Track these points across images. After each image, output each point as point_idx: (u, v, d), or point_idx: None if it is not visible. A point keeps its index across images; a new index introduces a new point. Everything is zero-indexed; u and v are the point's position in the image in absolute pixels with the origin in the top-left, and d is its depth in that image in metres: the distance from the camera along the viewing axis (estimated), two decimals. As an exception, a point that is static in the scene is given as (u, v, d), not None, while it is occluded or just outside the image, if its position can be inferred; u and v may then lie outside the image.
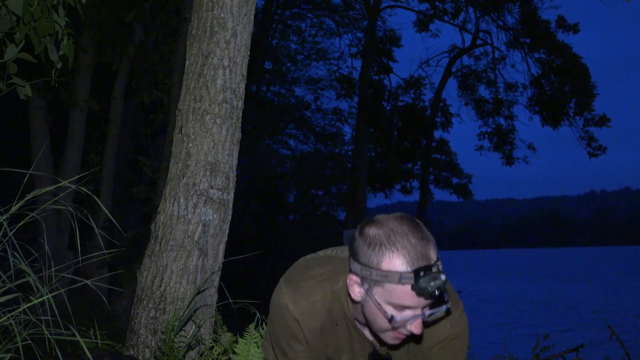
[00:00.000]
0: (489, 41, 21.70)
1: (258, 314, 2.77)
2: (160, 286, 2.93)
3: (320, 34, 22.85)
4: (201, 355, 2.81)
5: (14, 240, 2.07)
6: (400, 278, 1.55)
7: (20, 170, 2.29)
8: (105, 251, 2.45)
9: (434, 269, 1.56)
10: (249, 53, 3.13)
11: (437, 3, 20.98)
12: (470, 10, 21.32)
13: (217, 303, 3.02)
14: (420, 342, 1.81)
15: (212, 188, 2.98)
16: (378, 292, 1.61)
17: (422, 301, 1.59)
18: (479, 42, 21.84)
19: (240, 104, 3.10)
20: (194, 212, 2.96)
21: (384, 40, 21.98)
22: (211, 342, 2.83)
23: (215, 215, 2.99)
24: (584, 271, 47.18)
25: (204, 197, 2.97)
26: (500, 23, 21.23)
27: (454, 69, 21.96)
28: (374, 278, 1.60)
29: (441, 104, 21.78)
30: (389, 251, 1.57)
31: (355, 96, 21.68)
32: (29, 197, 2.15)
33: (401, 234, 1.58)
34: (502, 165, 21.46)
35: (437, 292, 1.55)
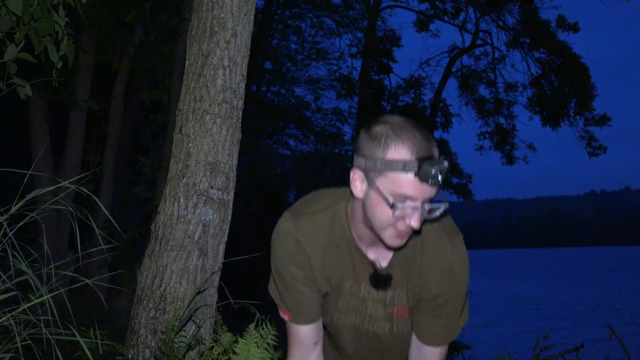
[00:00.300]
0: (489, 41, 21.69)
1: (258, 314, 2.77)
2: (160, 286, 2.93)
3: (320, 34, 22.85)
4: (201, 355, 2.81)
5: (14, 241, 2.07)
6: (404, 166, 1.63)
7: (20, 171, 2.29)
8: (104, 249, 2.45)
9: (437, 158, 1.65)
10: (249, 53, 3.13)
11: (437, 3, 20.95)
12: (470, 10, 21.30)
13: (217, 303, 3.03)
14: (421, 266, 1.83)
15: (212, 188, 2.98)
16: (381, 183, 1.67)
17: (423, 192, 1.65)
18: (479, 42, 21.82)
19: (240, 104, 3.10)
20: (194, 212, 2.96)
21: (384, 40, 21.95)
22: (211, 342, 2.83)
23: (215, 215, 2.99)
24: (584, 271, 47.16)
25: (204, 197, 2.97)
26: (500, 23, 21.22)
27: (454, 69, 21.94)
28: (378, 168, 1.66)
29: (441, 104, 21.75)
30: (394, 142, 1.66)
31: (355, 96, 21.67)
32: (29, 197, 2.15)
33: (407, 129, 1.68)
34: (502, 165, 21.43)
35: (440, 177, 1.62)
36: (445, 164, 1.64)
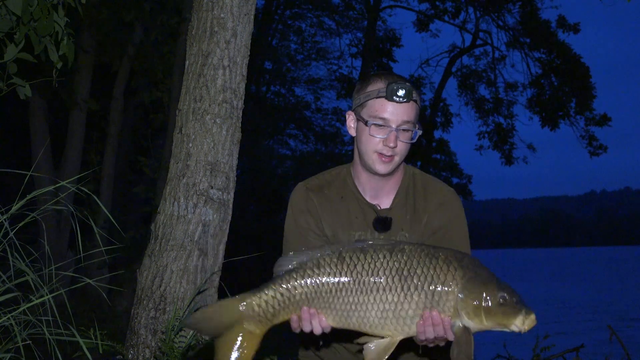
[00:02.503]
0: (489, 41, 21.66)
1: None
2: (160, 286, 2.93)
3: (320, 34, 22.82)
4: (201, 356, 2.81)
5: (15, 241, 2.07)
6: (378, 92, 1.98)
7: (20, 171, 2.29)
8: (104, 250, 2.45)
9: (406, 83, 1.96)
10: (249, 53, 3.13)
11: (437, 3, 20.93)
12: (470, 10, 21.28)
13: (217, 303, 3.02)
14: (420, 205, 2.11)
15: (212, 188, 2.98)
16: (364, 112, 2.02)
17: (395, 114, 1.96)
18: (479, 42, 21.79)
19: (240, 104, 3.10)
20: (194, 212, 2.96)
21: (384, 40, 21.92)
22: (211, 342, 2.83)
23: (215, 215, 2.99)
24: (584, 271, 47.13)
25: (204, 197, 2.97)
26: (500, 23, 21.20)
27: (454, 69, 21.91)
28: (361, 101, 2.04)
29: (441, 104, 21.72)
30: (374, 80, 2.03)
31: (356, 96, 21.57)
32: (29, 197, 2.15)
33: (388, 73, 2.05)
34: (502, 165, 21.38)
35: (403, 92, 1.94)
36: (409, 84, 1.95)
